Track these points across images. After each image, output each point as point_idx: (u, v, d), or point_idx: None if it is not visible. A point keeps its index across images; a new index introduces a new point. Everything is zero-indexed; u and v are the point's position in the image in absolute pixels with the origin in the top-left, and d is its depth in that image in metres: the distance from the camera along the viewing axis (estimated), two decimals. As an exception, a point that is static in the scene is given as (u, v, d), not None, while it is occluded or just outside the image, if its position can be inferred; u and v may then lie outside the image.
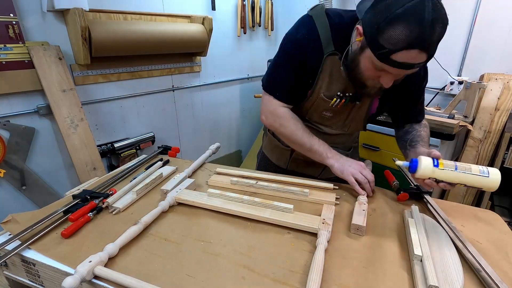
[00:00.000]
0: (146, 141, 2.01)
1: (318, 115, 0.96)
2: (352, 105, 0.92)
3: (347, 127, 0.98)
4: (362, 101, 0.91)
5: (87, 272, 0.58)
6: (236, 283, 0.60)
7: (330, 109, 0.93)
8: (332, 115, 0.95)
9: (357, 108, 0.93)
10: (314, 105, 0.94)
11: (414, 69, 0.71)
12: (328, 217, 0.76)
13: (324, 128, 1.00)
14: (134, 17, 1.77)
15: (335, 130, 0.99)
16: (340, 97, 0.89)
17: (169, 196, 0.87)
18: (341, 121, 0.97)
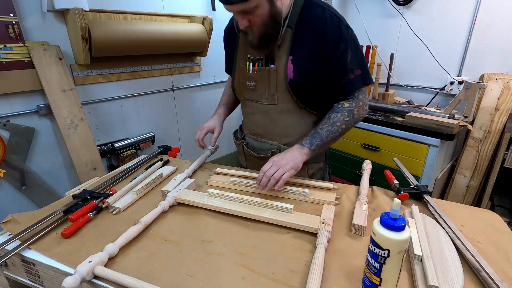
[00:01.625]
0: (146, 141, 2.01)
1: (245, 87, 1.03)
2: (268, 70, 0.94)
3: (274, 98, 0.97)
4: (276, 65, 0.93)
5: (87, 272, 0.58)
6: (236, 283, 0.60)
7: (250, 78, 0.99)
8: (255, 84, 0.99)
9: (274, 73, 0.94)
10: (239, 78, 1.04)
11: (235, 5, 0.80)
12: (328, 217, 0.76)
13: (256, 104, 1.03)
14: (134, 17, 1.77)
15: (266, 103, 0.99)
16: (251, 60, 0.97)
17: (169, 196, 0.87)
18: (266, 90, 0.98)
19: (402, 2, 2.05)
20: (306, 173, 1.07)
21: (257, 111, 1.03)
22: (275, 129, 1.01)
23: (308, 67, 0.91)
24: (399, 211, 0.50)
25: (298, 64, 0.91)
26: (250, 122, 1.10)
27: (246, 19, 0.84)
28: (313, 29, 0.89)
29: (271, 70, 0.94)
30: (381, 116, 1.87)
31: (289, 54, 0.91)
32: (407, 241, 0.50)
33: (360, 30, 2.24)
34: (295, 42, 0.91)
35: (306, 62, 0.91)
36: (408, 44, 2.10)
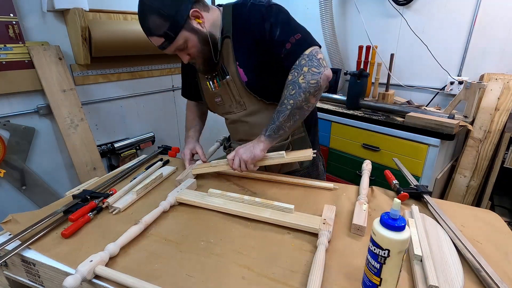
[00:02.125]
0: (146, 141, 2.01)
1: (215, 104, 1.07)
2: (226, 82, 0.98)
3: (242, 105, 1.01)
4: (230, 74, 0.97)
5: (88, 271, 0.58)
6: (236, 283, 0.60)
7: (215, 94, 1.04)
8: (221, 98, 1.04)
9: (232, 82, 0.98)
10: (207, 98, 1.08)
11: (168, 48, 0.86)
12: (329, 217, 0.76)
13: (230, 115, 1.07)
14: (134, 17, 1.77)
15: (237, 112, 1.04)
16: (209, 79, 1.02)
17: (170, 196, 0.87)
18: (232, 101, 1.02)
19: (402, 2, 2.05)
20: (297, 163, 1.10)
21: (233, 121, 1.08)
22: (253, 130, 1.03)
23: (252, 63, 0.93)
24: (399, 211, 0.50)
25: (245, 65, 0.94)
26: (232, 131, 1.15)
27: (185, 54, 0.90)
28: (244, 28, 0.91)
29: (229, 81, 0.98)
30: (381, 116, 1.87)
31: (235, 60, 0.94)
32: (407, 241, 0.50)
33: (360, 30, 2.24)
34: (236, 48, 0.93)
35: (249, 60, 0.93)
36: (408, 44, 2.10)
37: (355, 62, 2.22)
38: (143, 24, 0.83)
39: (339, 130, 2.05)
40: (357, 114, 1.95)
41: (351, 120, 1.96)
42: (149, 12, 0.80)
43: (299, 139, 1.07)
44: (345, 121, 2.00)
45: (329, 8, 2.19)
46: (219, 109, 1.08)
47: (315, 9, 2.27)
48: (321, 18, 2.21)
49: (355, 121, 1.94)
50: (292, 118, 0.86)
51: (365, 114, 1.94)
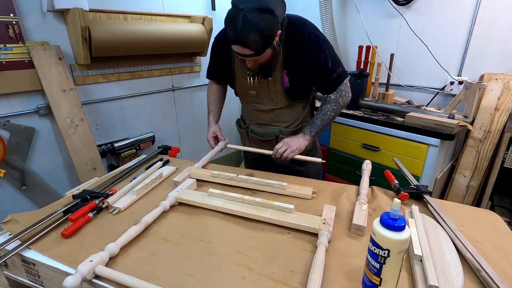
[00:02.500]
0: (146, 141, 2.01)
1: (248, 94, 1.21)
2: (267, 81, 1.13)
3: (274, 101, 1.18)
4: (273, 77, 1.12)
5: (88, 271, 0.58)
6: (236, 283, 0.60)
7: (252, 88, 1.17)
8: (257, 92, 1.17)
9: (272, 84, 1.13)
10: (240, 87, 1.21)
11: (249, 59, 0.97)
12: (329, 217, 0.76)
13: (259, 105, 1.22)
14: (134, 17, 1.77)
15: (267, 105, 1.20)
16: (250, 75, 1.13)
17: (170, 196, 0.87)
18: (266, 96, 1.17)
19: (402, 2, 2.05)
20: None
21: (260, 110, 1.23)
22: (276, 118, 1.23)
23: (299, 77, 1.12)
24: (399, 211, 0.50)
25: (291, 76, 1.12)
26: (254, 115, 1.27)
27: (253, 62, 1.00)
28: (298, 46, 1.07)
29: (270, 82, 1.13)
30: (381, 116, 1.87)
31: (283, 68, 1.10)
32: (407, 241, 0.50)
33: (360, 30, 2.24)
34: (287, 57, 1.09)
35: (297, 73, 1.11)
36: (408, 44, 2.10)
37: (355, 62, 2.21)
38: (241, 36, 0.89)
39: (339, 130, 2.05)
40: (357, 114, 1.95)
41: (351, 120, 1.96)
42: (252, 29, 0.88)
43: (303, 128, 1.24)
44: (345, 121, 2.00)
45: (329, 8, 2.19)
46: (250, 98, 1.22)
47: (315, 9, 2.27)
48: (321, 18, 2.21)
49: (355, 121, 1.94)
50: (328, 124, 1.18)
51: (365, 114, 1.94)
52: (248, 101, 1.24)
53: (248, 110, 1.29)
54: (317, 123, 1.15)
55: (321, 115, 1.15)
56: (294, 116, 1.23)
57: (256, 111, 1.24)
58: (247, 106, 1.28)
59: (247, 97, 1.22)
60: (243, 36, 0.89)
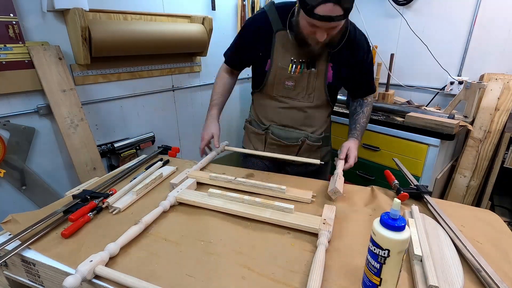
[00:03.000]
0: (146, 141, 2.01)
1: (282, 86, 1.10)
2: (309, 73, 1.06)
3: (311, 97, 1.11)
4: (317, 68, 1.06)
5: (88, 271, 0.58)
6: (236, 283, 0.60)
7: (290, 78, 1.07)
8: (294, 84, 1.08)
9: (314, 76, 1.07)
10: (276, 76, 1.09)
11: (335, 22, 0.86)
12: (329, 217, 0.76)
13: (291, 101, 1.12)
14: (134, 17, 1.77)
15: (302, 102, 1.12)
16: (294, 62, 1.05)
17: (170, 196, 0.87)
18: (304, 90, 1.09)
19: (402, 2, 2.05)
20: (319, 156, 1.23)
21: (290, 107, 1.13)
22: (305, 121, 1.15)
23: (344, 73, 1.09)
24: (399, 211, 0.50)
25: (337, 70, 1.07)
26: (277, 115, 1.16)
27: (326, 33, 0.91)
28: (348, 43, 1.04)
29: (312, 73, 1.06)
30: (381, 116, 1.87)
31: (328, 61, 1.06)
32: (407, 241, 0.50)
33: (360, 30, 2.24)
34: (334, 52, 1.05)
35: (343, 69, 1.08)
36: (408, 44, 2.10)
37: (355, 62, 2.22)
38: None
39: (339, 130, 2.05)
40: (357, 114, 1.95)
41: (351, 120, 1.96)
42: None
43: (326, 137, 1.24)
44: (345, 121, 2.00)
45: (329, 8, 2.19)
46: (283, 91, 1.11)
47: (315, 9, 2.27)
48: (321, 18, 2.21)
49: (355, 121, 1.95)
50: None
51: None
52: (279, 96, 1.12)
53: (272, 107, 1.15)
54: (364, 127, 1.17)
55: (365, 119, 1.17)
56: (322, 120, 1.19)
57: (285, 109, 1.13)
58: (273, 102, 1.14)
59: (279, 89, 1.10)
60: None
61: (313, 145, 1.17)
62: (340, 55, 1.05)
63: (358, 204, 0.88)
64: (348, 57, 1.06)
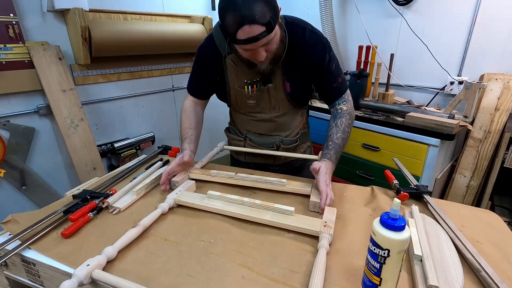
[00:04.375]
0: (146, 141, 2.01)
1: (246, 105, 1.11)
2: (267, 89, 1.05)
3: (276, 108, 1.10)
4: (274, 83, 1.04)
5: (84, 276, 0.58)
6: (236, 283, 0.60)
7: (250, 97, 1.08)
8: (256, 101, 1.09)
9: (273, 90, 1.05)
10: (237, 98, 1.10)
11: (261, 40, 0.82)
12: (330, 219, 0.76)
13: (259, 115, 1.12)
14: (134, 17, 1.77)
15: (269, 113, 1.11)
16: (248, 84, 1.05)
17: (169, 198, 0.87)
18: (267, 104, 1.09)
19: (402, 2, 2.05)
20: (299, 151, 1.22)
21: (260, 119, 1.14)
22: (277, 127, 1.15)
23: (301, 81, 1.05)
24: (399, 211, 0.50)
25: (293, 81, 1.05)
26: (251, 126, 1.18)
27: (264, 51, 0.89)
28: (299, 48, 0.99)
29: (270, 88, 1.05)
30: (381, 116, 1.87)
31: (283, 74, 1.03)
32: (407, 241, 0.50)
33: (360, 30, 2.24)
34: (285, 64, 1.01)
35: (299, 78, 1.04)
36: (408, 44, 2.10)
37: (355, 62, 2.21)
38: (248, 9, 0.77)
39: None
40: (357, 114, 1.95)
41: (351, 120, 1.96)
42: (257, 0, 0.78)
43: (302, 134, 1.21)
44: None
45: (329, 8, 2.19)
46: (248, 109, 1.12)
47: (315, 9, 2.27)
48: (321, 18, 2.21)
49: (355, 121, 1.94)
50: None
51: (365, 114, 1.94)
52: (246, 112, 1.14)
53: (245, 120, 1.18)
54: (339, 144, 0.98)
55: (340, 133, 0.99)
56: (294, 124, 1.17)
57: (255, 121, 1.15)
58: (243, 116, 1.17)
59: (244, 108, 1.13)
60: (247, 10, 0.77)
61: (289, 146, 1.16)
62: (292, 66, 1.01)
63: (358, 204, 0.88)
64: (301, 64, 1.01)
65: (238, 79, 1.06)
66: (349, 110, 1.04)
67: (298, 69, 1.02)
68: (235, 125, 1.25)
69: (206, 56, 1.09)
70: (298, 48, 0.99)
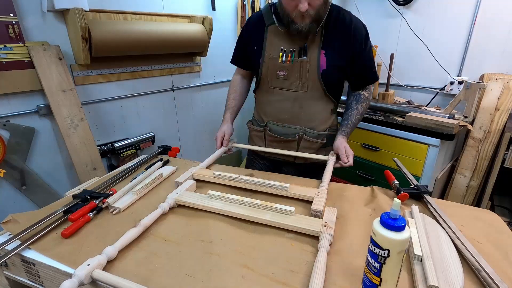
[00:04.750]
0: (146, 141, 2.00)
1: (275, 76, 1.11)
2: (300, 61, 1.06)
3: (305, 86, 1.10)
4: (309, 56, 1.05)
5: (85, 276, 0.58)
6: (236, 283, 0.60)
7: (282, 67, 1.08)
8: (286, 73, 1.09)
9: (306, 64, 1.06)
10: (269, 67, 1.11)
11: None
12: (330, 220, 0.76)
13: (285, 92, 1.12)
14: (134, 17, 1.77)
15: (296, 91, 1.11)
16: (284, 52, 1.06)
17: (169, 198, 0.87)
18: (297, 79, 1.09)
19: (402, 2, 2.05)
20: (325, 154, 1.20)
21: (285, 98, 1.13)
22: (302, 114, 1.14)
23: (339, 60, 1.06)
24: (399, 211, 0.50)
25: (330, 57, 1.05)
26: (274, 109, 1.17)
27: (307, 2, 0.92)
28: (342, 30, 1.04)
29: (304, 61, 1.06)
30: (381, 116, 1.87)
31: (321, 48, 1.05)
32: (407, 241, 0.50)
33: (360, 30, 2.24)
34: (326, 39, 1.04)
35: (337, 56, 1.06)
36: (408, 44, 2.10)
37: (355, 62, 2.21)
38: None
39: None
40: (357, 114, 1.95)
41: (351, 120, 1.96)
42: None
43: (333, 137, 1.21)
44: None
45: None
46: (277, 82, 1.12)
47: (315, 9, 2.27)
48: (321, 18, 2.21)
49: (355, 121, 1.94)
50: None
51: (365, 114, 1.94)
52: (273, 87, 1.13)
53: (269, 101, 1.17)
54: (354, 123, 1.14)
55: (358, 116, 1.14)
56: (322, 115, 1.15)
57: (280, 101, 1.13)
58: (269, 95, 1.16)
59: (273, 80, 1.12)
60: None
61: (314, 141, 1.14)
62: (333, 41, 1.05)
63: (358, 204, 0.88)
64: (343, 44, 1.05)
65: (274, 48, 1.09)
66: (369, 97, 1.15)
67: (338, 45, 1.05)
68: (259, 113, 1.26)
69: (252, 25, 1.17)
70: (343, 25, 1.05)
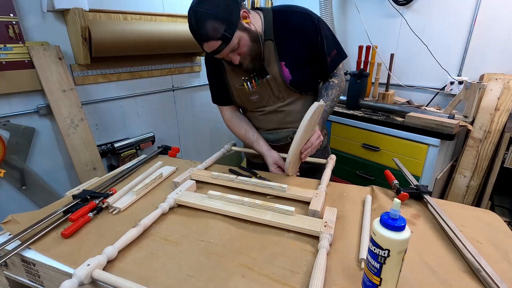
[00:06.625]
0: (146, 141, 2.01)
1: (250, 102, 1.13)
2: (266, 80, 1.07)
3: (280, 98, 1.12)
4: (271, 73, 1.06)
5: (85, 276, 0.58)
6: (236, 283, 0.60)
7: (252, 93, 1.10)
8: (258, 96, 1.11)
9: (272, 81, 1.07)
10: (240, 96, 1.13)
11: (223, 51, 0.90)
12: (330, 220, 0.76)
13: (265, 108, 1.14)
14: (134, 17, 1.77)
15: (274, 105, 1.13)
16: (246, 80, 1.08)
17: (169, 198, 0.87)
18: (270, 96, 1.11)
19: (402, 2, 2.05)
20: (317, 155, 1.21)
21: (267, 112, 1.16)
22: (287, 119, 1.15)
23: (300, 65, 1.07)
24: (399, 211, 0.50)
25: (291, 66, 1.06)
26: (261, 122, 1.20)
27: (236, 55, 0.95)
28: (293, 33, 1.03)
29: (269, 79, 1.07)
30: (381, 116, 1.87)
31: (279, 61, 1.05)
32: (407, 241, 0.50)
33: (360, 30, 2.24)
34: (280, 50, 1.04)
35: (297, 62, 1.06)
36: (408, 44, 2.10)
37: (355, 62, 2.21)
38: (200, 31, 0.86)
39: (339, 130, 2.05)
40: (357, 114, 1.95)
41: (351, 120, 1.96)
42: (205, 19, 0.85)
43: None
44: (345, 121, 2.00)
45: (329, 8, 2.19)
46: (253, 105, 1.15)
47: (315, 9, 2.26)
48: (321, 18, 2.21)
49: (355, 121, 1.94)
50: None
51: (365, 114, 1.94)
52: (253, 109, 1.17)
53: (254, 117, 1.20)
54: (327, 111, 1.09)
55: (329, 103, 1.08)
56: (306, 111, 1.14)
57: (264, 115, 1.16)
58: (252, 113, 1.20)
59: (249, 104, 1.15)
60: (201, 30, 0.86)
61: None
62: (289, 49, 1.04)
63: (358, 204, 0.88)
64: (299, 47, 1.04)
65: (236, 78, 1.10)
66: (340, 83, 1.13)
67: (295, 50, 1.05)
68: None
69: (210, 62, 1.16)
70: (292, 29, 1.03)
